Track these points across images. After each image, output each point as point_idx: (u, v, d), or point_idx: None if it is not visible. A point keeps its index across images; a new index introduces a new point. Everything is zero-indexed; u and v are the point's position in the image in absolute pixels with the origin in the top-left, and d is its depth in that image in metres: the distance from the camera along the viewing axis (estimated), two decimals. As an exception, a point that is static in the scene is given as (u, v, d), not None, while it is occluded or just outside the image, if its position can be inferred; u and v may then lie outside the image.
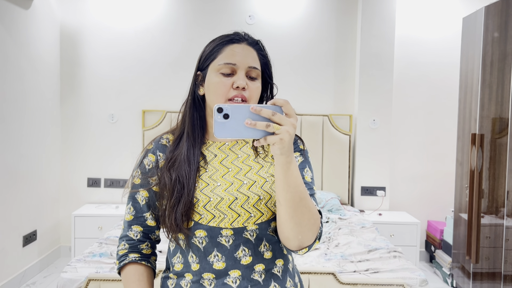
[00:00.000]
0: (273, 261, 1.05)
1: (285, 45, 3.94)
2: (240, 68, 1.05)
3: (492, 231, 2.87)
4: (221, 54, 1.07)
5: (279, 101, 0.83)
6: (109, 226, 3.49)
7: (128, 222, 1.14)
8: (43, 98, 3.60)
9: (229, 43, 1.08)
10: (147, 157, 1.14)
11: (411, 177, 4.04)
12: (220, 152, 1.11)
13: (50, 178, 3.74)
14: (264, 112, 0.81)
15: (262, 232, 1.04)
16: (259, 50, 1.11)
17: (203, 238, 1.03)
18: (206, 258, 1.03)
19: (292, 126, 0.82)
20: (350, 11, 3.94)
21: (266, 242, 1.05)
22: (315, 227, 0.96)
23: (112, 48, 3.89)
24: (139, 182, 1.13)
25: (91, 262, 2.30)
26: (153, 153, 1.14)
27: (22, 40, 3.28)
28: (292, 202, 0.91)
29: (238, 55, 1.06)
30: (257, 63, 1.08)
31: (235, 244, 1.02)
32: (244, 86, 1.03)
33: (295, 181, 0.90)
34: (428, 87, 4.00)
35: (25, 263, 3.34)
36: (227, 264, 1.02)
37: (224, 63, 1.05)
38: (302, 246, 0.97)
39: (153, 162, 1.12)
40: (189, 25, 3.91)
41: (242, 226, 1.02)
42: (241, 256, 1.02)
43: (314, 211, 0.96)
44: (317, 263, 2.39)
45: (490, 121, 2.89)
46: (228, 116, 0.82)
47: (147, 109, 3.90)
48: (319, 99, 3.99)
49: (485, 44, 2.91)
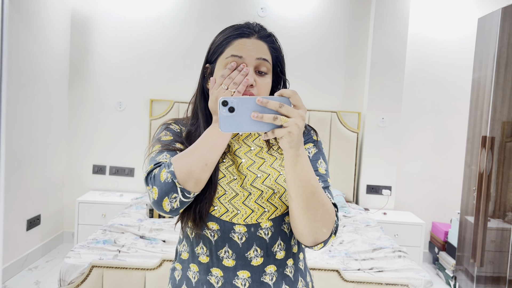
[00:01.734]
0: (284, 261, 1.02)
1: (296, 39, 3.91)
2: (248, 63, 0.98)
3: (498, 235, 2.84)
4: (229, 48, 1.01)
5: (287, 92, 0.79)
6: (113, 213, 3.49)
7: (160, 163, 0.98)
8: (52, 83, 3.59)
9: (238, 37, 1.01)
10: (171, 125, 1.08)
11: (418, 177, 4.02)
12: (234, 142, 1.08)
13: (55, 163, 3.74)
14: (271, 104, 0.77)
15: (276, 229, 1.00)
16: (270, 43, 1.04)
17: (215, 232, 1.00)
18: (217, 253, 1.00)
19: (301, 118, 0.78)
20: (363, 8, 3.90)
21: (281, 241, 1.01)
22: (329, 221, 0.93)
23: (123, 36, 3.88)
24: (172, 138, 1.04)
25: (95, 249, 2.29)
26: (176, 124, 1.09)
27: (33, 24, 3.26)
28: (304, 197, 0.88)
29: (247, 49, 0.99)
30: (267, 56, 1.02)
31: (247, 242, 0.99)
32: (252, 82, 0.96)
33: (306, 175, 0.86)
34: (439, 88, 3.96)
35: (28, 247, 3.35)
36: (237, 262, 0.99)
37: (231, 55, 0.99)
38: (317, 241, 0.94)
39: (178, 129, 1.08)
40: (201, 16, 3.89)
41: (256, 222, 0.99)
42: (252, 256, 0.99)
43: (329, 205, 0.93)
44: (321, 259, 2.38)
45: (501, 124, 2.86)
46: (233, 109, 0.79)
47: (155, 99, 3.89)
48: (328, 95, 3.96)
49: (500, 46, 2.87)
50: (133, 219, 2.90)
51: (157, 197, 0.92)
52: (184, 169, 0.91)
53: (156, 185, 0.92)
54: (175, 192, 0.91)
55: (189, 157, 0.93)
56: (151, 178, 0.94)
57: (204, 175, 0.94)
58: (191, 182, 0.92)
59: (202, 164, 0.93)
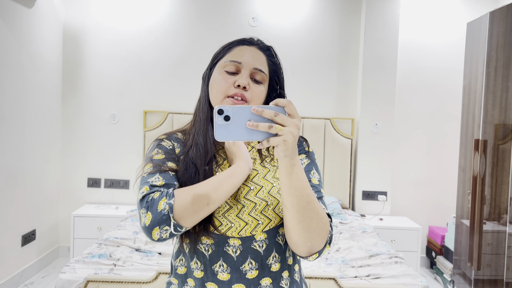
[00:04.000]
0: (280, 273, 1.02)
1: (288, 47, 3.93)
2: (244, 67, 1.02)
3: (494, 237, 2.85)
4: (229, 53, 1.05)
5: (282, 102, 0.80)
6: (109, 227, 3.47)
7: (157, 188, 0.97)
8: (45, 97, 3.59)
9: (239, 44, 1.07)
10: (163, 142, 1.07)
11: (413, 182, 4.03)
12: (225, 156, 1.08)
13: (50, 178, 3.73)
14: (266, 113, 0.78)
15: (270, 241, 1.00)
16: (269, 56, 1.09)
17: (209, 246, 0.99)
18: (211, 267, 0.99)
19: (296, 127, 0.79)
20: (354, 15, 3.93)
21: (276, 253, 1.01)
22: (324, 231, 0.93)
23: (115, 48, 3.88)
24: (164, 157, 1.03)
25: (90, 263, 2.28)
26: (168, 140, 1.08)
27: (25, 39, 3.27)
28: (298, 207, 0.88)
29: (245, 56, 1.03)
30: (264, 67, 1.05)
31: (242, 255, 0.99)
32: (246, 85, 1.00)
33: (300, 184, 0.86)
34: (431, 92, 3.98)
35: (23, 262, 3.32)
36: (231, 276, 0.98)
37: (229, 60, 1.03)
38: (312, 252, 0.94)
39: (170, 146, 1.06)
40: (192, 27, 3.90)
41: (250, 235, 0.99)
42: (247, 269, 0.99)
43: (323, 215, 0.93)
44: (317, 267, 2.37)
45: (493, 127, 2.88)
46: (229, 118, 0.79)
47: (148, 110, 3.89)
48: (321, 102, 3.97)
49: (490, 49, 2.90)
50: (129, 232, 2.88)
51: (148, 224, 0.90)
52: (184, 206, 0.90)
53: (152, 211, 0.91)
54: (167, 225, 0.90)
55: (192, 193, 0.92)
56: (148, 202, 0.92)
57: (202, 214, 0.93)
58: (187, 219, 0.91)
59: (204, 203, 0.92)
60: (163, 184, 0.96)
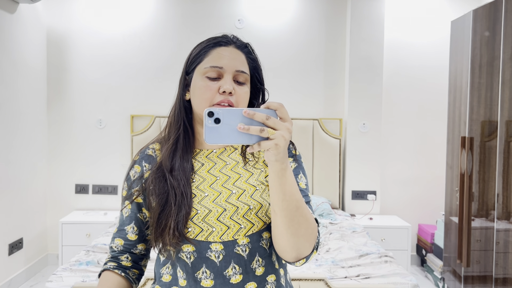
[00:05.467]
0: (264, 277, 1.00)
1: (274, 49, 3.92)
2: (227, 72, 1.00)
3: (482, 234, 2.86)
4: (208, 57, 1.02)
5: (273, 105, 0.78)
6: (97, 233, 3.43)
7: (113, 234, 1.12)
8: (29, 104, 3.54)
9: (216, 46, 1.03)
10: (133, 168, 1.10)
11: (402, 180, 4.04)
12: (208, 161, 1.07)
13: (37, 185, 3.68)
14: (257, 116, 0.76)
15: (254, 245, 0.99)
16: (248, 54, 1.06)
17: (191, 253, 0.98)
18: (194, 275, 0.98)
19: (287, 131, 0.77)
20: (339, 15, 3.94)
21: (259, 257, 0.99)
22: (312, 236, 0.92)
23: (100, 52, 3.85)
24: (125, 194, 1.10)
25: (78, 271, 2.25)
26: (139, 164, 1.10)
27: (7, 44, 3.22)
28: (288, 212, 0.86)
29: (225, 59, 1.01)
30: (245, 67, 1.03)
31: (225, 260, 0.97)
32: (231, 90, 0.98)
33: (290, 189, 0.85)
34: (417, 91, 4.00)
35: (11, 272, 3.27)
36: (215, 282, 0.97)
37: (210, 66, 1.00)
38: (299, 257, 0.93)
39: (138, 173, 1.08)
40: (178, 30, 3.88)
41: (233, 239, 0.98)
42: (231, 274, 0.97)
43: (311, 220, 0.91)
44: (307, 269, 2.36)
45: (479, 124, 2.90)
46: (219, 120, 0.78)
47: (135, 114, 3.86)
48: (309, 103, 3.97)
49: (474, 47, 2.92)
50: (117, 238, 2.85)
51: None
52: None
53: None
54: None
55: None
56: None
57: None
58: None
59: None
60: (116, 231, 1.11)
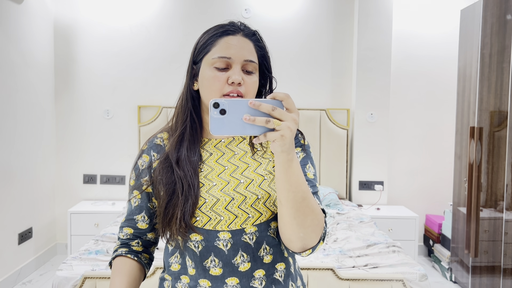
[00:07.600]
0: (273, 265, 1.00)
1: (281, 39, 3.90)
2: (235, 62, 0.98)
3: (491, 224, 2.85)
4: (215, 47, 1.00)
5: (279, 95, 0.77)
6: (106, 223, 3.46)
7: (121, 224, 1.13)
8: (37, 94, 3.55)
9: (224, 34, 1.01)
10: (141, 157, 1.10)
11: (409, 171, 4.03)
12: (216, 150, 1.06)
13: (45, 175, 3.70)
14: (263, 107, 0.75)
15: (261, 234, 0.99)
16: (256, 42, 1.04)
17: (199, 242, 0.98)
18: (202, 263, 0.98)
19: (294, 122, 0.76)
20: (347, 5, 3.91)
21: (266, 245, 0.99)
22: (318, 227, 0.91)
23: (107, 44, 3.85)
24: (133, 184, 1.10)
25: (87, 260, 2.27)
26: (147, 153, 1.09)
27: (14, 35, 3.23)
28: (294, 202, 0.86)
29: (233, 48, 0.99)
30: (253, 56, 1.01)
31: (233, 249, 0.97)
32: (240, 81, 0.96)
33: (297, 180, 0.84)
34: (426, 81, 3.97)
35: (20, 261, 3.31)
36: (224, 270, 0.97)
37: (218, 56, 0.98)
38: (306, 248, 0.92)
39: (147, 162, 1.08)
40: (185, 20, 3.87)
41: (240, 228, 0.98)
42: (239, 262, 0.97)
43: (318, 210, 0.91)
44: (315, 258, 2.37)
45: (488, 114, 2.87)
46: (225, 111, 0.76)
47: (142, 105, 3.86)
48: (316, 93, 3.96)
49: (484, 36, 2.89)
50: (126, 228, 2.87)
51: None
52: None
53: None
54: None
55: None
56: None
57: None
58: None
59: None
60: (124, 220, 1.12)
